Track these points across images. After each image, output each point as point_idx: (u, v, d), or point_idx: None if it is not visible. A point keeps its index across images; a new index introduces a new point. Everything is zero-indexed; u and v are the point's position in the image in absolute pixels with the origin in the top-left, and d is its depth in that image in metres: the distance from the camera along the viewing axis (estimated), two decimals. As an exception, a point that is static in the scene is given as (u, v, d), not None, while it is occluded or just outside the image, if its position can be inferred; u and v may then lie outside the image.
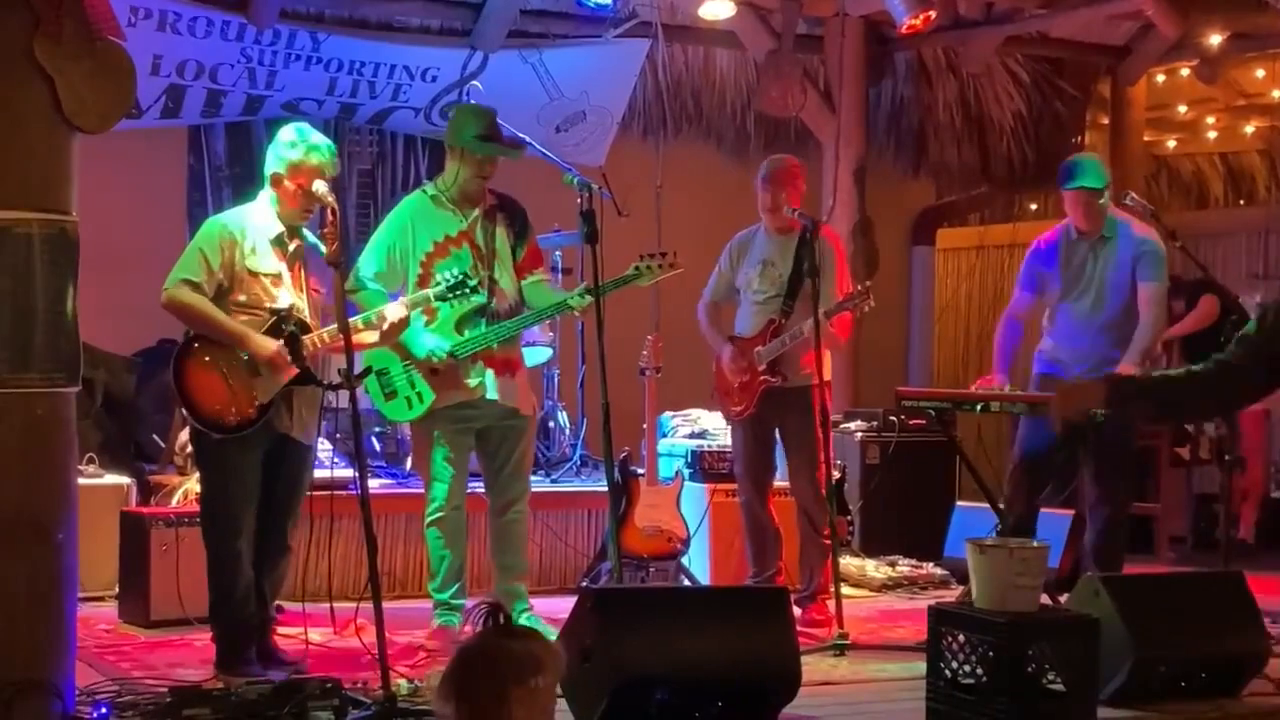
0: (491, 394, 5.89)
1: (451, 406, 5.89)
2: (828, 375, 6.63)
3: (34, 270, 4.23)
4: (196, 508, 6.38)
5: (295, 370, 5.13)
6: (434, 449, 5.92)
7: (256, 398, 5.14)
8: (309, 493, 5.47)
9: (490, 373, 5.89)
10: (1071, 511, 7.32)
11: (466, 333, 5.88)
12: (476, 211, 5.96)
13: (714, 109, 10.36)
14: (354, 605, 5.56)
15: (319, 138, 5.35)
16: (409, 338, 5.81)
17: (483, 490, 6.11)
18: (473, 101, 6.27)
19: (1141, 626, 5.01)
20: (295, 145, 5.26)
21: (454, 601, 5.95)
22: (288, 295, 5.24)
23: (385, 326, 5.41)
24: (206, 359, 5.13)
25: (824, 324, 6.34)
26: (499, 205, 5.99)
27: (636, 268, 6.00)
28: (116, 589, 6.61)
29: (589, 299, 5.71)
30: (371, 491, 4.83)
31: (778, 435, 6.82)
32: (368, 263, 5.96)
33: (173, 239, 9.04)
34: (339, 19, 8.82)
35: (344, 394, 4.93)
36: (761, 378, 6.61)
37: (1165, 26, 9.03)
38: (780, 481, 7.15)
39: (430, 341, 5.82)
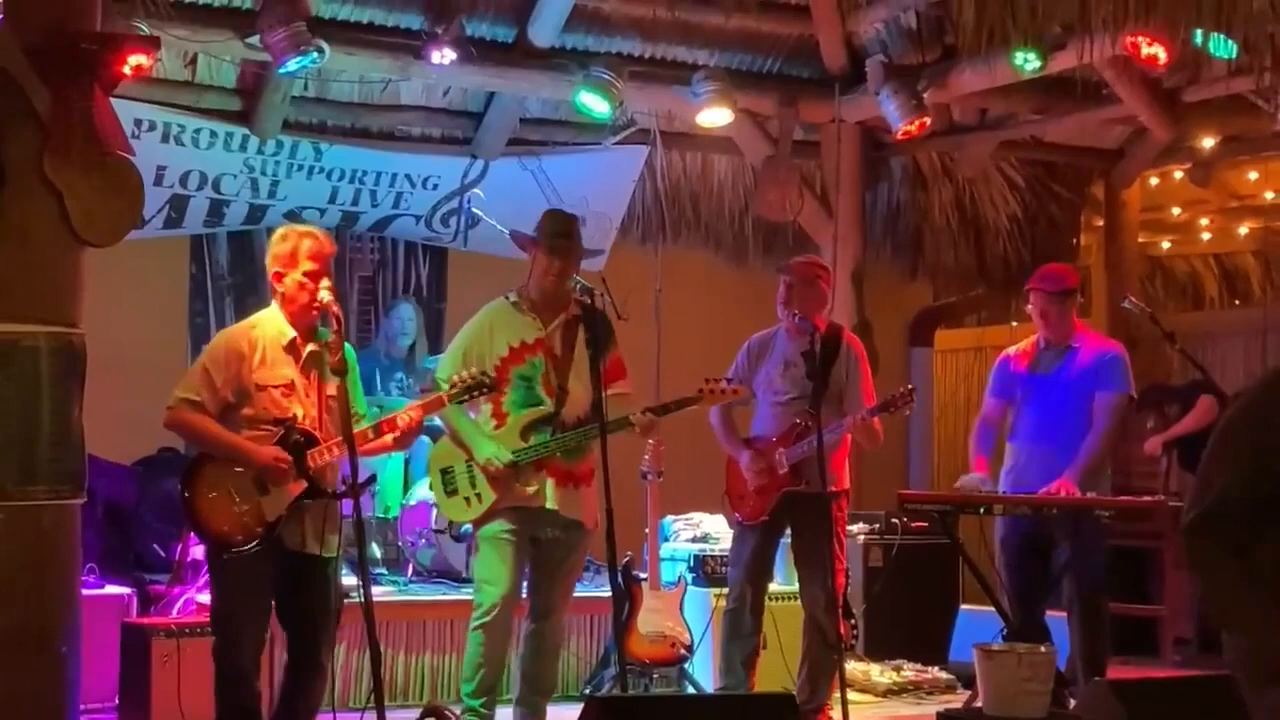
0: (551, 504, 5.84)
1: (510, 509, 5.84)
2: (846, 483, 6.63)
3: (41, 383, 4.27)
4: (198, 618, 6.40)
5: (303, 484, 5.04)
6: (490, 551, 5.85)
7: (265, 516, 5.03)
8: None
9: (551, 482, 5.84)
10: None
11: (532, 439, 5.86)
12: (558, 320, 5.95)
13: (712, 214, 10.44)
14: (358, 714, 5.52)
15: (307, 225, 5.34)
16: (473, 440, 5.81)
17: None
18: (558, 208, 6.35)
19: (1151, 731, 4.96)
20: (286, 238, 5.19)
21: (484, 710, 5.86)
22: (299, 406, 5.13)
23: (397, 432, 5.30)
24: (214, 479, 5.03)
25: (866, 423, 6.39)
26: (582, 315, 5.93)
27: (700, 391, 6.09)
28: (117, 700, 6.56)
29: (649, 416, 5.84)
30: (374, 599, 4.79)
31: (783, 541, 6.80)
32: (445, 366, 5.94)
33: (174, 348, 9.12)
34: (341, 129, 8.93)
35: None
36: (782, 481, 6.51)
37: (1158, 131, 9.14)
38: (784, 586, 7.12)
39: (490, 448, 5.80)
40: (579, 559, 6.10)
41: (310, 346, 5.16)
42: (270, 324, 5.17)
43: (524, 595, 6.00)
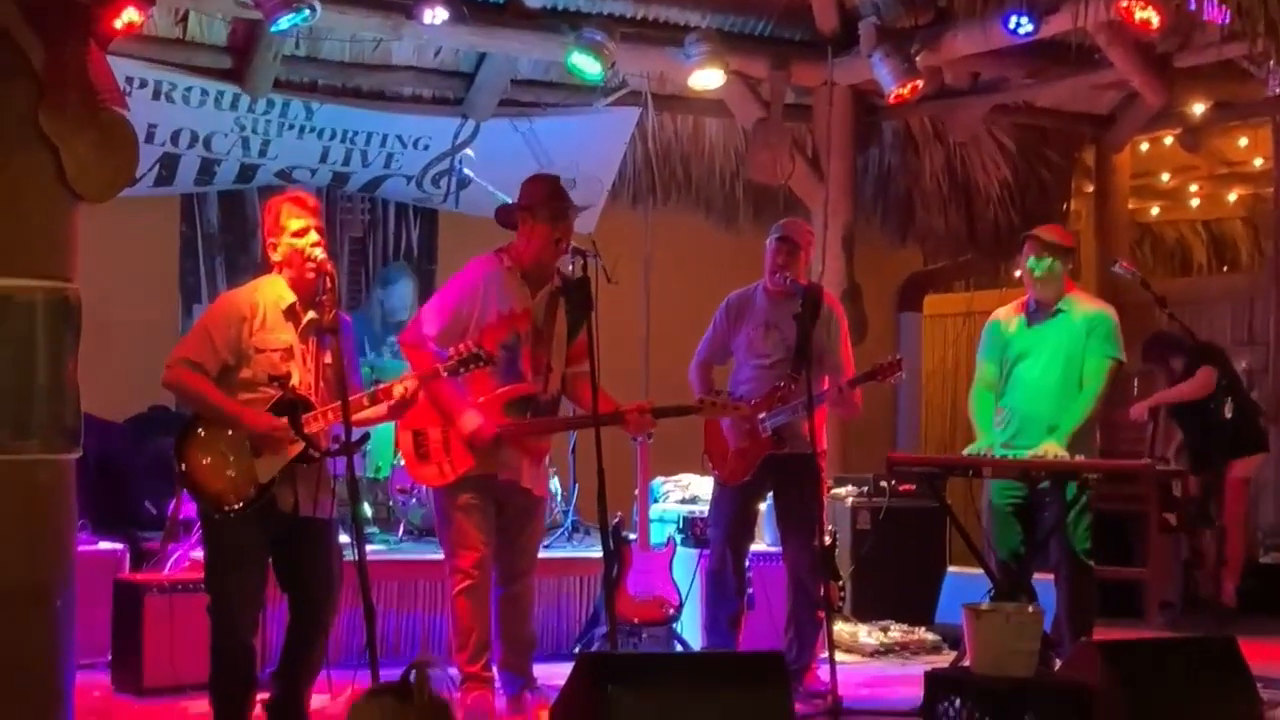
0: (525, 481, 5.88)
1: (481, 477, 5.81)
2: (825, 444, 6.60)
3: (36, 338, 4.27)
4: (191, 575, 6.41)
5: (299, 446, 5.03)
6: (464, 518, 5.83)
7: (258, 477, 5.01)
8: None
9: (525, 460, 5.87)
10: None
11: (513, 415, 5.82)
12: (544, 291, 5.89)
13: (703, 177, 10.45)
14: (350, 671, 5.56)
15: (289, 188, 5.29)
16: (460, 408, 5.74)
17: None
18: (540, 171, 6.23)
19: (1136, 691, 5.01)
20: (269, 209, 5.21)
21: (485, 674, 5.88)
22: (296, 370, 5.11)
23: (393, 400, 5.24)
24: (208, 440, 5.02)
25: (848, 392, 6.41)
26: (564, 288, 5.88)
27: (700, 401, 6.10)
28: (109, 656, 6.59)
29: (646, 416, 5.83)
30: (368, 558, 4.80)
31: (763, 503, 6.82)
32: (431, 320, 5.84)
33: (165, 306, 9.13)
34: (332, 89, 8.91)
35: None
36: (765, 445, 6.52)
37: (1150, 96, 9.17)
38: (773, 547, 7.14)
39: (478, 419, 5.76)
40: (541, 523, 6.18)
41: (310, 314, 5.16)
42: (271, 288, 5.16)
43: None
